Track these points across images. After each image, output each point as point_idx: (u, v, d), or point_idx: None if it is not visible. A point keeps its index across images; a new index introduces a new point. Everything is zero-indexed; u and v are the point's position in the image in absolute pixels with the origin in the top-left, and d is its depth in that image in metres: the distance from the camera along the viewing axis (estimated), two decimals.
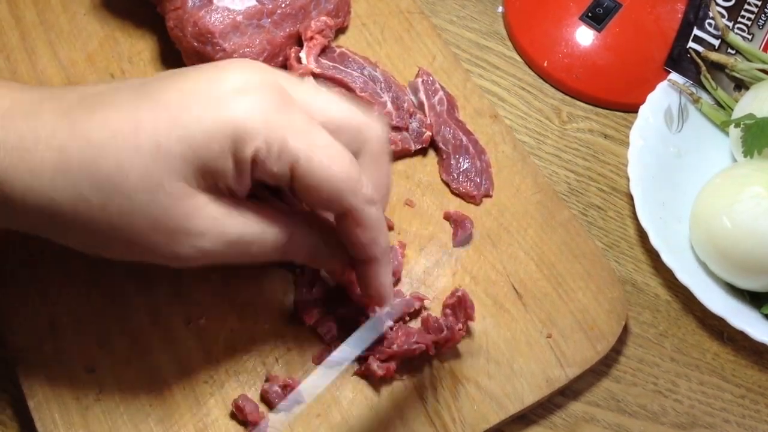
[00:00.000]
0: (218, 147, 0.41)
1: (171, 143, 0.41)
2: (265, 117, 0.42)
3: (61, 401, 0.50)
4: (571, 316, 0.56)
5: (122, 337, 0.52)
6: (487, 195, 0.60)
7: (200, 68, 0.44)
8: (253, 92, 0.42)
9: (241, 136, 0.41)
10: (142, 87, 0.43)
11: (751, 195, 0.56)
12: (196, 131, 0.41)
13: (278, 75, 0.45)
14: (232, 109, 0.41)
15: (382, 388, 0.52)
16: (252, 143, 0.42)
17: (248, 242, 0.45)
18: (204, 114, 0.41)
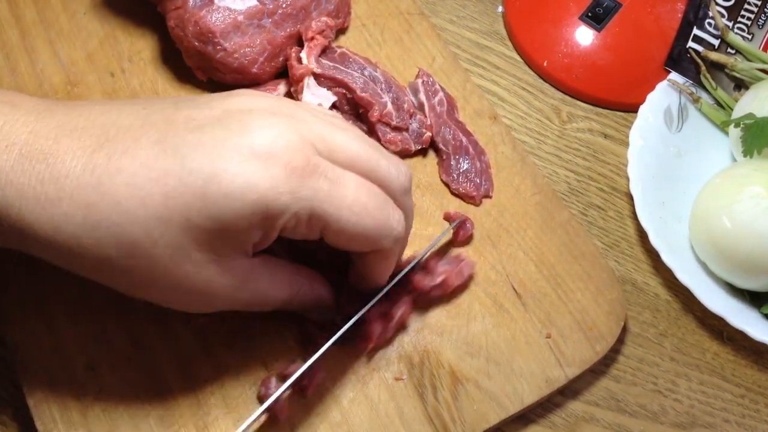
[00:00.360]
0: (246, 224, 0.42)
1: (201, 220, 0.41)
2: (292, 190, 0.42)
3: (61, 400, 0.50)
4: (571, 316, 0.56)
5: (122, 336, 0.52)
6: (486, 196, 0.60)
7: (224, 122, 0.43)
8: (279, 161, 0.42)
9: (269, 212, 0.42)
10: (166, 138, 0.42)
11: (750, 195, 0.56)
12: (225, 209, 0.41)
13: (305, 123, 0.44)
14: (259, 187, 0.41)
15: (382, 388, 0.52)
16: (280, 219, 0.42)
17: (256, 303, 0.48)
18: (233, 190, 0.41)
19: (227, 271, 0.44)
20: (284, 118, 0.44)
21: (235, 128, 0.42)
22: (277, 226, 0.43)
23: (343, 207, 0.43)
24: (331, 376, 0.52)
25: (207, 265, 0.43)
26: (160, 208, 0.41)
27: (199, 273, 0.43)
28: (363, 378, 0.52)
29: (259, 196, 0.41)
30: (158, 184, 0.41)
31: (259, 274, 0.47)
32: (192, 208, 0.41)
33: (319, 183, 0.43)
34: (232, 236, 0.43)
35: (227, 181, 0.41)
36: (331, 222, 0.43)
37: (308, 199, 0.42)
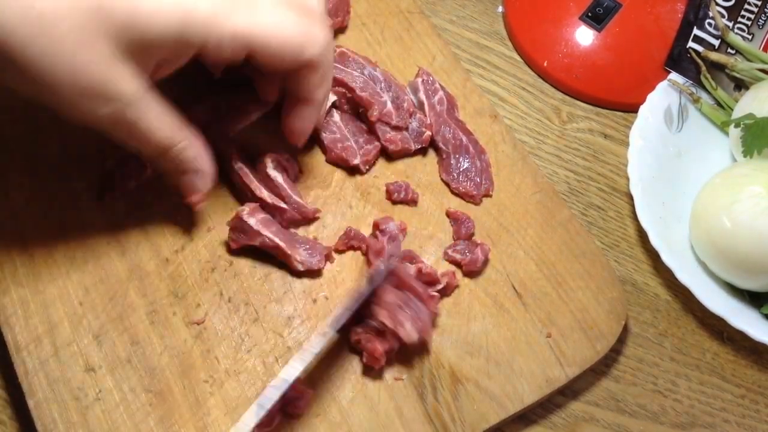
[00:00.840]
0: (161, 28, 0.43)
1: (114, 8, 0.42)
2: (213, 7, 0.44)
3: (60, 401, 0.50)
4: (571, 315, 0.56)
5: (122, 337, 0.52)
6: (487, 195, 0.60)
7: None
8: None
9: (188, 25, 0.43)
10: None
11: (750, 195, 0.56)
12: (143, 6, 0.42)
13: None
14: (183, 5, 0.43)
15: (381, 388, 0.52)
16: (199, 30, 0.44)
17: (136, 131, 0.47)
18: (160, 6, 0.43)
19: (125, 77, 0.44)
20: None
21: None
22: (193, 44, 0.45)
23: (264, 24, 0.47)
24: (330, 376, 0.52)
25: (108, 60, 0.43)
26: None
27: (97, 66, 0.43)
28: (362, 378, 0.52)
29: (179, 5, 0.43)
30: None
31: (153, 102, 0.47)
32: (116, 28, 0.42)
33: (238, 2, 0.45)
34: (142, 40, 0.43)
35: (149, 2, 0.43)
36: (255, 37, 0.46)
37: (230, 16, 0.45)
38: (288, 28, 0.48)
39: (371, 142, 0.60)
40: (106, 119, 0.46)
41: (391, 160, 0.61)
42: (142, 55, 0.44)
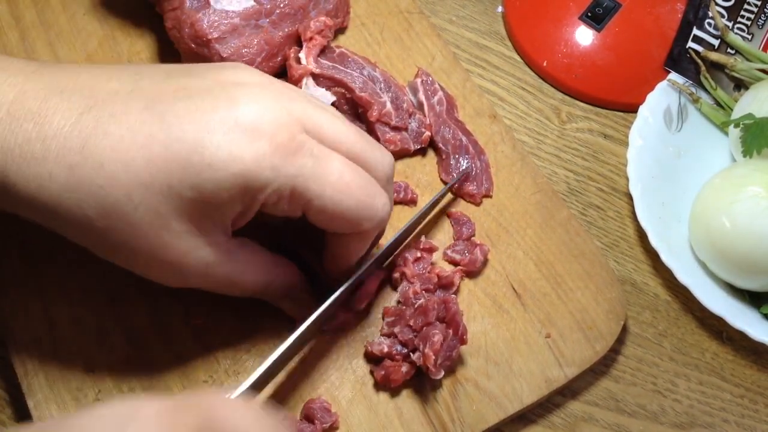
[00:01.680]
0: (228, 196, 0.42)
1: (183, 188, 0.41)
2: (275, 165, 0.42)
3: (60, 401, 0.50)
4: (570, 316, 0.56)
5: (122, 337, 0.52)
6: (487, 195, 0.60)
7: (214, 92, 0.43)
8: (264, 135, 0.42)
9: (251, 186, 0.42)
10: (155, 104, 0.43)
11: (750, 195, 0.56)
12: (208, 179, 0.41)
13: (293, 101, 0.45)
14: (243, 160, 0.41)
15: (381, 388, 0.52)
16: (262, 193, 0.43)
17: (228, 284, 0.48)
18: (216, 161, 0.41)
19: (205, 246, 0.45)
20: (274, 93, 0.44)
21: (223, 100, 0.43)
22: (258, 200, 0.43)
23: (326, 184, 0.44)
24: (330, 377, 0.52)
25: (185, 236, 0.43)
26: (143, 173, 0.41)
27: (177, 244, 0.43)
28: (362, 378, 0.52)
29: (242, 168, 0.41)
30: (142, 150, 0.41)
31: (236, 255, 0.47)
32: (174, 175, 0.41)
33: (303, 160, 0.43)
34: (213, 208, 0.43)
35: (210, 151, 0.41)
36: (313, 199, 0.44)
37: (291, 175, 0.43)
38: (349, 199, 0.45)
39: None
40: (197, 283, 0.47)
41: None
42: (219, 219, 0.44)
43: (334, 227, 0.46)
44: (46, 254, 0.54)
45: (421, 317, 0.51)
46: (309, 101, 0.46)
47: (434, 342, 0.50)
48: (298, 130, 0.43)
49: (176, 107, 0.42)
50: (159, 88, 0.44)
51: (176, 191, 0.42)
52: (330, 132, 0.45)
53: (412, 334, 0.51)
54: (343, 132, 0.46)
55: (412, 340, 0.51)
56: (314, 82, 0.61)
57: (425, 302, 0.52)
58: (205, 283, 0.47)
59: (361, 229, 0.47)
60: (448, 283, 0.54)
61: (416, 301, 0.53)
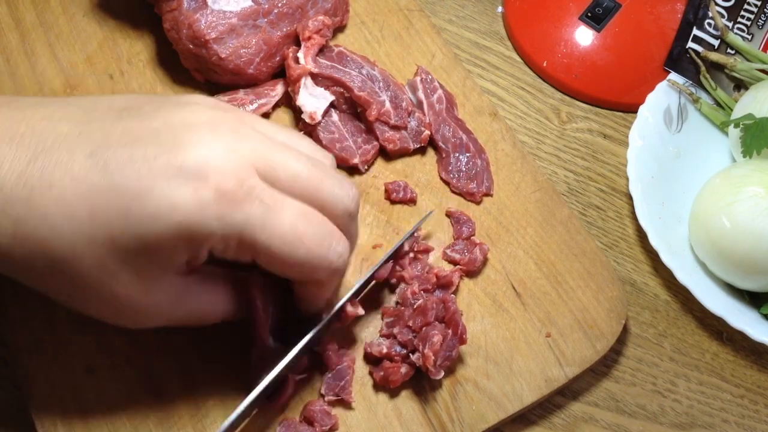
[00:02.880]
0: (171, 245, 0.41)
1: (125, 239, 0.41)
2: (220, 215, 0.40)
3: (61, 402, 0.50)
4: (571, 315, 0.56)
5: (122, 338, 0.52)
6: (487, 194, 0.60)
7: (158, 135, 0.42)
8: (209, 183, 0.40)
9: (195, 235, 0.41)
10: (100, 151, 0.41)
11: (750, 195, 0.56)
12: (149, 230, 0.40)
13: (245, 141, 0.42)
14: (185, 210, 0.40)
15: (380, 388, 0.52)
16: (207, 243, 0.41)
17: (194, 319, 0.47)
18: (156, 211, 0.40)
19: (157, 291, 0.43)
20: (224, 135, 0.42)
21: (168, 144, 0.41)
22: (203, 248, 0.42)
23: (275, 236, 0.42)
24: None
25: (134, 284, 0.42)
26: (86, 225, 0.40)
27: (127, 292, 0.43)
28: (361, 378, 0.52)
29: (184, 218, 0.40)
30: (85, 201, 0.40)
31: (194, 292, 0.46)
32: (116, 226, 0.40)
33: (251, 209, 0.41)
34: (158, 256, 0.42)
35: (152, 201, 0.40)
36: (260, 250, 0.42)
37: (238, 224, 0.41)
38: (302, 247, 0.42)
39: (370, 142, 0.60)
40: (160, 323, 0.46)
41: (390, 160, 0.61)
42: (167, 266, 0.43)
43: (286, 275, 0.45)
44: None
45: (420, 317, 0.51)
46: (264, 140, 0.43)
47: (434, 342, 0.50)
48: (248, 175, 0.41)
49: (120, 153, 0.41)
50: (107, 131, 0.42)
51: (119, 243, 0.41)
52: (284, 173, 0.43)
53: (412, 335, 0.51)
54: (299, 172, 0.43)
55: (411, 340, 0.51)
56: (313, 81, 0.61)
57: (424, 302, 0.52)
58: (168, 322, 0.46)
59: (316, 278, 0.45)
60: (447, 283, 0.54)
61: (415, 301, 0.53)
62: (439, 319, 0.52)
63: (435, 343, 0.50)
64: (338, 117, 0.61)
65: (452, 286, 0.55)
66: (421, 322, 0.51)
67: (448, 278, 0.54)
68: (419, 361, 0.50)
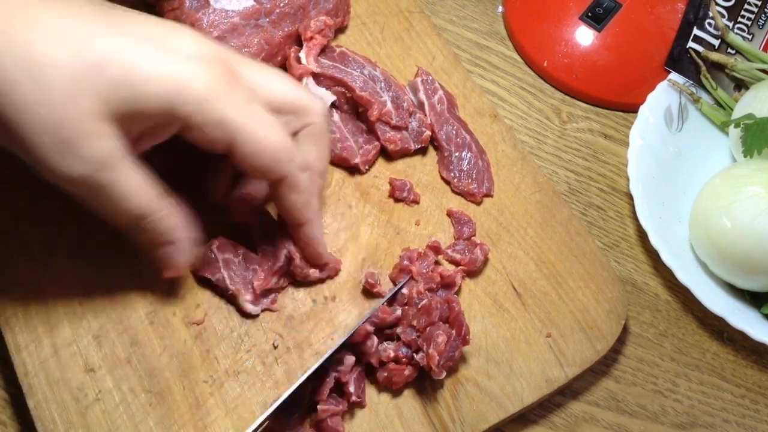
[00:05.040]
0: (151, 94, 0.43)
1: (111, 67, 0.42)
2: (208, 87, 0.44)
3: (60, 401, 0.50)
4: (571, 315, 0.56)
5: (122, 337, 0.52)
6: (488, 194, 0.60)
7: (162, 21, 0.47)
8: (203, 62, 0.45)
9: (180, 98, 0.44)
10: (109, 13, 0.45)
11: (750, 195, 0.56)
12: (138, 71, 0.43)
13: (228, 53, 0.48)
14: (179, 69, 0.44)
15: (381, 387, 0.52)
16: (188, 106, 0.44)
17: (109, 198, 0.46)
18: (152, 58, 0.43)
19: (105, 137, 0.43)
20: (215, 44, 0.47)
21: (171, 26, 0.46)
22: (180, 117, 0.44)
23: (251, 121, 0.46)
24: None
25: (91, 116, 0.42)
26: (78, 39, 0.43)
27: (80, 120, 0.42)
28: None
29: (177, 76, 0.44)
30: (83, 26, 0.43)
31: (130, 167, 0.45)
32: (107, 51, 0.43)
33: (235, 93, 0.46)
34: (131, 104, 0.43)
35: (150, 48, 0.44)
36: (238, 131, 0.46)
37: (222, 101, 0.45)
38: (271, 138, 0.47)
39: (371, 142, 0.60)
40: (79, 180, 0.44)
41: (391, 160, 0.61)
42: (127, 120, 0.44)
43: (257, 168, 0.48)
44: (46, 253, 0.54)
45: (425, 317, 0.51)
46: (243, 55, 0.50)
47: (438, 343, 0.50)
48: (233, 71, 0.46)
49: (127, 19, 0.45)
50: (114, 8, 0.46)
51: (101, 69, 0.42)
52: (260, 82, 0.48)
53: (416, 335, 0.51)
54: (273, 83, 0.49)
55: (415, 340, 0.51)
56: (314, 81, 0.61)
57: (428, 302, 0.52)
58: (85, 186, 0.45)
59: (283, 169, 0.48)
60: (450, 283, 0.54)
61: (419, 301, 0.53)
62: (443, 320, 0.52)
63: (440, 344, 0.50)
64: (339, 117, 0.61)
65: (455, 286, 0.55)
66: (425, 322, 0.51)
67: (452, 278, 0.54)
68: (423, 360, 0.50)
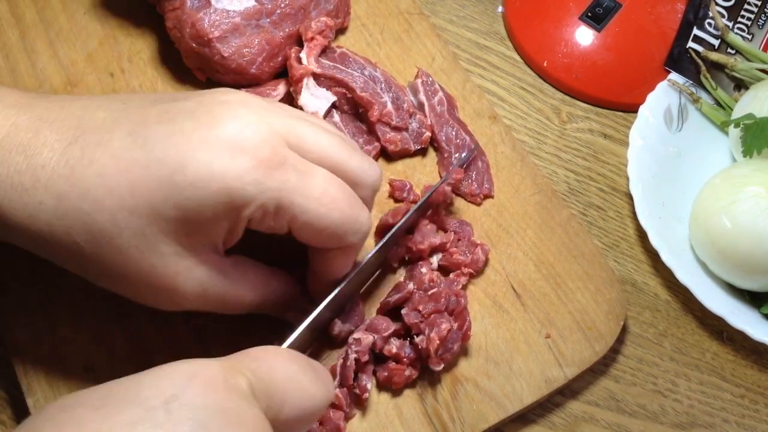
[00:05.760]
0: (212, 213, 0.42)
1: (166, 208, 0.42)
2: (258, 181, 0.42)
3: None
4: (570, 316, 0.56)
5: (121, 336, 0.52)
6: (488, 195, 0.60)
7: (195, 113, 0.44)
8: (246, 151, 0.42)
9: (235, 202, 0.42)
10: (138, 130, 0.43)
11: (750, 195, 0.56)
12: (191, 198, 0.42)
13: (276, 116, 0.45)
14: (225, 176, 0.42)
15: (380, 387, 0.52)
16: (247, 209, 0.43)
17: (225, 303, 0.47)
18: (198, 179, 0.41)
19: (195, 266, 0.45)
20: (256, 109, 0.44)
21: (205, 119, 0.43)
22: (243, 216, 0.43)
23: (311, 198, 0.44)
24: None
25: (173, 257, 0.44)
26: (127, 197, 0.42)
27: (166, 266, 0.44)
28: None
29: (224, 185, 0.41)
30: (126, 174, 0.42)
31: (230, 273, 0.47)
32: (157, 196, 0.42)
33: (286, 174, 0.43)
34: (198, 226, 0.43)
35: (192, 170, 0.41)
36: (298, 214, 0.44)
37: (275, 190, 0.43)
38: (333, 213, 0.45)
39: (371, 143, 0.60)
40: (193, 305, 0.46)
41: (391, 161, 0.61)
42: (206, 238, 0.44)
43: (319, 242, 0.46)
44: None
45: (432, 303, 0.52)
46: (292, 116, 0.46)
47: (441, 329, 0.50)
48: (281, 145, 0.43)
49: (158, 131, 0.43)
50: (144, 113, 0.44)
51: (160, 212, 0.42)
52: (314, 146, 0.45)
53: (419, 319, 0.52)
54: (328, 145, 0.46)
55: (417, 324, 0.51)
56: (315, 82, 0.61)
57: (439, 289, 0.52)
58: (202, 305, 0.47)
59: (346, 242, 0.46)
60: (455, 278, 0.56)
61: (430, 287, 0.53)
62: (449, 311, 0.52)
63: (442, 330, 0.50)
64: (340, 118, 0.61)
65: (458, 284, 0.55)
66: (432, 309, 0.52)
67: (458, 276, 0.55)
68: (423, 343, 0.51)
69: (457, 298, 0.53)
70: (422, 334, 0.51)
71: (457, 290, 0.54)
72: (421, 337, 0.51)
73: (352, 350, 0.51)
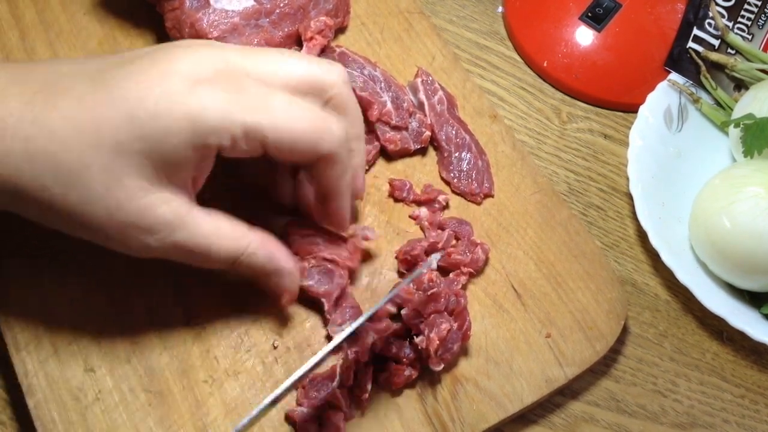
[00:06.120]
0: (176, 141, 0.43)
1: (131, 141, 0.43)
2: (220, 107, 0.44)
3: (60, 401, 0.50)
4: (571, 315, 0.56)
5: (122, 337, 0.52)
6: (488, 194, 0.60)
7: (152, 54, 0.46)
8: (205, 82, 0.44)
9: (198, 129, 0.43)
10: (99, 75, 0.45)
11: (750, 195, 0.56)
12: (154, 129, 0.43)
13: (228, 51, 0.47)
14: (185, 105, 0.43)
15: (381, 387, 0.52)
16: (213, 136, 0.44)
17: (198, 253, 0.47)
18: (159, 109, 0.43)
19: (162, 203, 0.45)
20: (210, 46, 0.47)
21: (162, 57, 0.45)
22: (210, 145, 0.44)
23: (276, 117, 0.45)
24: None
25: (139, 191, 0.44)
26: (92, 134, 0.43)
27: (130, 199, 0.44)
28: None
29: (185, 113, 0.43)
30: (90, 113, 0.43)
31: (200, 219, 0.47)
32: (121, 130, 0.43)
33: (247, 99, 0.45)
34: (164, 159, 0.44)
35: (152, 102, 0.43)
36: (267, 133, 0.45)
37: (239, 112, 0.44)
38: (300, 123, 0.46)
39: (371, 142, 0.60)
40: (160, 248, 0.46)
41: (391, 160, 0.61)
42: (173, 173, 0.45)
43: (296, 157, 0.47)
44: (46, 254, 0.54)
45: (432, 304, 0.52)
46: (248, 48, 0.48)
47: (441, 329, 0.50)
48: (240, 73, 0.45)
49: (118, 73, 0.45)
50: (104, 63, 0.46)
51: (125, 147, 0.43)
52: (273, 72, 0.47)
53: (419, 319, 0.52)
54: (286, 66, 0.47)
55: (417, 324, 0.51)
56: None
57: (439, 290, 0.52)
58: (172, 250, 0.47)
59: (322, 150, 0.47)
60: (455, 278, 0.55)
61: (430, 287, 0.53)
62: (448, 311, 0.52)
63: (442, 330, 0.50)
64: None
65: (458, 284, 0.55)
66: (432, 309, 0.52)
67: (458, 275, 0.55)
68: (422, 343, 0.50)
69: (456, 298, 0.53)
70: (422, 334, 0.51)
71: (456, 290, 0.54)
72: (421, 337, 0.51)
73: (351, 351, 0.51)
